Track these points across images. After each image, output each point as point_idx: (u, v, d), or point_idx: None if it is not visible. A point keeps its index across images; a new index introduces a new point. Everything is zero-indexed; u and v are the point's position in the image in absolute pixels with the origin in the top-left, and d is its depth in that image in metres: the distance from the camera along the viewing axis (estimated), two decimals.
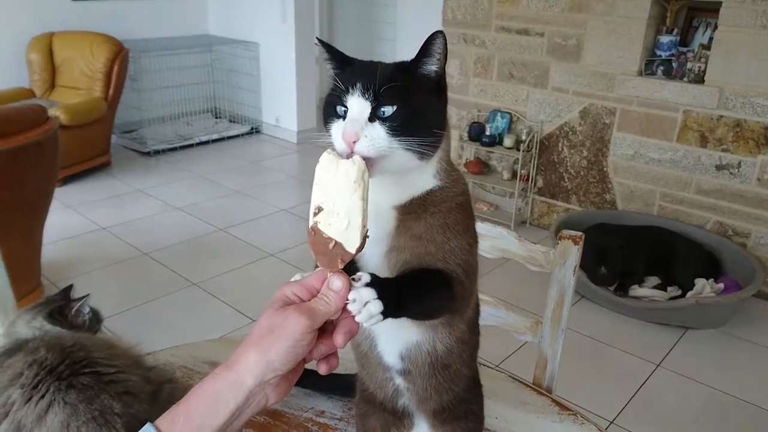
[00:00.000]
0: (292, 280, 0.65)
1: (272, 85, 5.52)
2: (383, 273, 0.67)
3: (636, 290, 3.05)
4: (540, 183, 3.89)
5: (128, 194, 4.24)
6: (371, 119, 0.61)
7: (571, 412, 1.05)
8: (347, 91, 0.63)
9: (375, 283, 0.59)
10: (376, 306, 0.57)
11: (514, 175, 3.84)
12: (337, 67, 0.68)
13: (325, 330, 0.62)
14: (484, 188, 4.11)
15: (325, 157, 0.60)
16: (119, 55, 4.54)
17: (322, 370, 0.63)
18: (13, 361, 0.84)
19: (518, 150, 3.68)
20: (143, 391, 0.83)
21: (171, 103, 5.43)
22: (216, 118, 5.88)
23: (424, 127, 0.63)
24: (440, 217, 0.67)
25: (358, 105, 0.62)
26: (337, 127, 0.63)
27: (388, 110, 0.61)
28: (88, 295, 1.05)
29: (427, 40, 0.63)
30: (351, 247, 0.59)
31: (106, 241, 3.53)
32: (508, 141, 3.75)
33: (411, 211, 0.66)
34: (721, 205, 3.23)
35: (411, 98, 0.63)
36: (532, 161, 3.82)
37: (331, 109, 0.65)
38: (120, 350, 0.90)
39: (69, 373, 0.79)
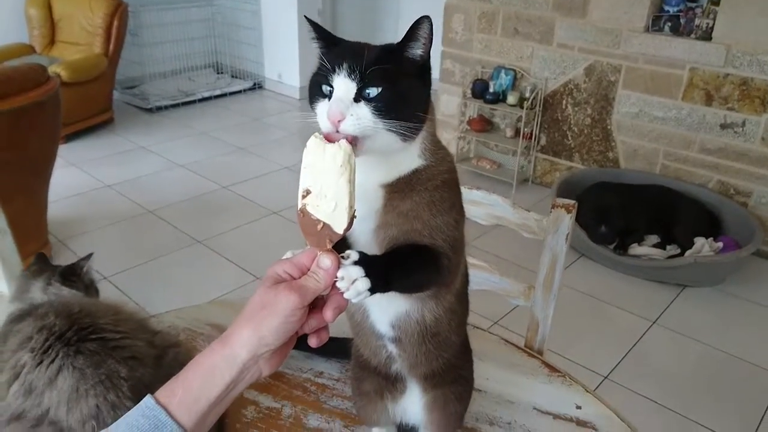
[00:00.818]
0: (284, 257, 0.67)
1: (274, 39, 5.44)
2: (372, 248, 0.70)
3: (635, 249, 3.07)
4: (543, 141, 3.88)
5: (132, 151, 4.25)
6: (356, 99, 0.62)
7: (560, 374, 1.09)
8: (333, 71, 0.63)
9: (363, 260, 0.61)
10: (364, 283, 0.60)
11: (517, 132, 3.82)
12: (323, 46, 0.68)
13: (316, 305, 0.65)
14: (487, 146, 4.10)
15: (312, 141, 0.61)
16: (118, 9, 4.47)
17: (313, 343, 0.67)
18: (23, 325, 0.88)
19: (522, 107, 3.65)
20: (148, 355, 0.87)
21: (172, 59, 5.38)
22: (218, 73, 5.83)
23: (407, 110, 0.64)
24: (426, 195, 0.68)
25: (344, 85, 0.63)
26: (322, 107, 0.64)
27: (374, 91, 0.62)
28: (92, 253, 1.08)
29: (413, 24, 0.64)
30: (339, 228, 0.61)
31: (111, 198, 3.57)
32: (511, 98, 3.72)
33: (398, 189, 0.68)
34: (724, 164, 3.23)
35: (396, 81, 0.63)
36: (536, 119, 3.79)
37: (316, 88, 0.65)
38: (125, 315, 0.94)
39: (77, 339, 0.83)
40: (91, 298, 1.00)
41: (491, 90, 3.79)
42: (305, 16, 0.71)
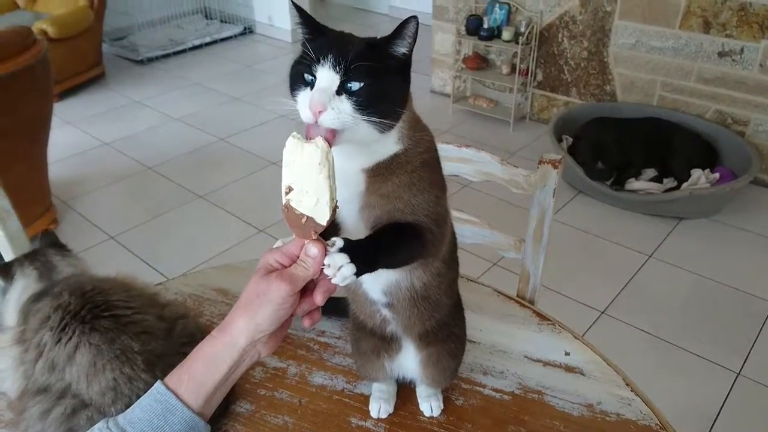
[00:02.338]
0: (274, 246, 0.71)
1: None
2: (359, 227, 0.74)
3: (632, 183, 3.10)
4: (540, 77, 3.84)
5: (126, 106, 4.23)
6: (338, 92, 0.64)
7: (550, 322, 1.15)
8: (318, 61, 0.65)
9: (347, 247, 0.65)
10: (349, 269, 0.64)
11: (513, 69, 3.77)
12: (308, 33, 0.69)
13: (307, 289, 0.70)
14: (483, 84, 4.06)
15: (291, 141, 0.64)
16: None
17: (306, 324, 0.72)
18: (42, 305, 0.93)
19: (517, 43, 3.60)
20: (159, 328, 0.92)
21: (160, 6, 5.26)
22: (207, 18, 5.70)
23: (387, 106, 0.66)
24: (405, 177, 0.71)
25: (327, 76, 0.64)
26: (303, 96, 0.66)
27: (356, 86, 0.64)
28: (47, 230, 1.11)
29: (401, 23, 0.65)
30: (322, 220, 0.64)
31: (110, 156, 3.58)
32: (506, 34, 3.66)
33: (378, 173, 0.71)
34: (721, 93, 3.20)
35: (379, 77, 0.65)
36: (532, 54, 3.74)
37: (298, 76, 0.67)
38: (136, 291, 0.99)
39: (91, 317, 0.88)
40: (105, 276, 1.04)
41: (486, 26, 3.71)
42: (293, 2, 0.71)
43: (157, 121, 4.01)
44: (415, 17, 0.65)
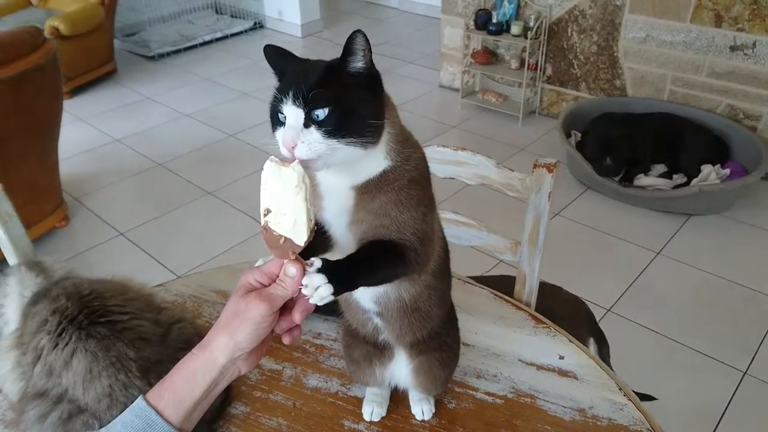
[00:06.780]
0: (255, 265, 0.73)
1: None
2: (348, 240, 0.75)
3: (641, 179, 3.07)
4: (549, 71, 3.81)
5: (137, 102, 4.27)
6: (306, 124, 0.65)
7: (545, 325, 1.15)
8: (282, 100, 0.66)
9: (326, 268, 0.66)
10: (326, 289, 0.65)
11: (522, 63, 3.75)
12: (277, 74, 0.71)
13: (286, 307, 0.71)
14: (492, 79, 4.04)
15: (268, 165, 0.65)
16: None
17: (286, 341, 0.73)
18: (39, 308, 0.95)
19: (526, 38, 3.57)
20: (154, 333, 0.94)
21: (170, 1, 5.28)
22: (217, 14, 5.72)
23: (359, 123, 0.66)
24: (393, 194, 0.72)
25: (293, 112, 0.65)
26: (279, 134, 0.67)
27: (321, 113, 0.64)
28: None
29: (347, 39, 0.65)
30: (299, 241, 0.65)
31: (121, 152, 3.62)
32: (515, 28, 3.64)
33: (367, 190, 0.72)
34: (733, 87, 3.16)
35: (342, 98, 0.65)
36: (541, 49, 3.71)
37: (274, 116, 0.68)
38: (132, 294, 1.00)
39: (87, 322, 0.89)
40: (101, 278, 1.06)
41: (494, 20, 3.69)
42: (264, 50, 0.72)
43: (168, 117, 4.04)
44: (358, 30, 0.65)
